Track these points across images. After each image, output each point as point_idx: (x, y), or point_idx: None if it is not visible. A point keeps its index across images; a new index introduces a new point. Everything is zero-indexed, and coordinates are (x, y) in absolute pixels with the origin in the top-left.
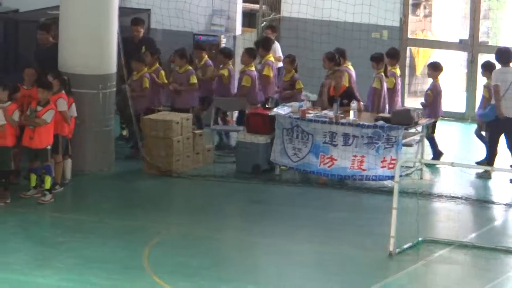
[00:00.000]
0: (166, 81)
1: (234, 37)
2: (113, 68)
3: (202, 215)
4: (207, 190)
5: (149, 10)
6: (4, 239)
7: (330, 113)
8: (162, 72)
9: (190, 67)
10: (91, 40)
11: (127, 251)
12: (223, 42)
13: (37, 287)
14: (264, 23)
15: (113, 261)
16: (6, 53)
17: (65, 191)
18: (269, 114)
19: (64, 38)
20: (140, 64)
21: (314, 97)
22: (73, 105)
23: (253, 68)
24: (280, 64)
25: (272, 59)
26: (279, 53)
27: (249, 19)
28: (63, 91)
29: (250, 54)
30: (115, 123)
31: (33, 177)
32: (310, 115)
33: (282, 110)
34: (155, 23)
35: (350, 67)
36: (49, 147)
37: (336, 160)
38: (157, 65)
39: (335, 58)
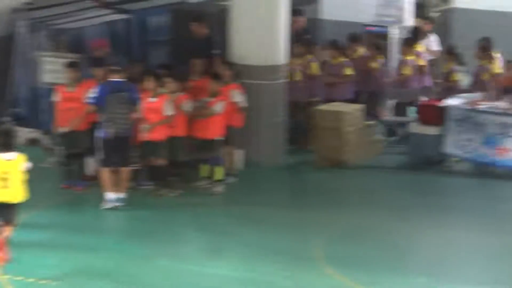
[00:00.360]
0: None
1: (405, 28)
2: (284, 58)
3: (373, 207)
4: (378, 182)
5: (317, 1)
6: (177, 230)
7: (502, 104)
8: (314, 64)
9: (345, 59)
10: (262, 31)
11: (300, 242)
12: (395, 33)
13: (210, 277)
14: (434, 14)
15: (285, 252)
16: (176, 44)
17: (237, 182)
18: (441, 105)
19: (235, 29)
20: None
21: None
22: (243, 96)
23: (411, 57)
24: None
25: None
26: (434, 46)
27: (421, 9)
28: (236, 82)
29: (408, 44)
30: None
31: (205, 168)
32: (482, 106)
33: (453, 101)
34: (326, 14)
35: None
36: (219, 138)
37: (511, 151)
38: (309, 56)
39: (489, 48)
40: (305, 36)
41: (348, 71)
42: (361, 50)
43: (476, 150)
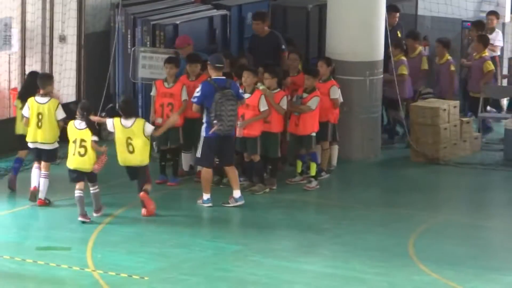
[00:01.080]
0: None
1: (503, 24)
2: (380, 55)
3: (469, 204)
4: (474, 178)
5: None
6: (271, 226)
7: None
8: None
9: (403, 57)
10: (360, 27)
11: (393, 239)
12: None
13: (303, 273)
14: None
15: (378, 249)
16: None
17: (331, 178)
18: None
19: (333, 26)
20: (397, 50)
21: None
22: (340, 91)
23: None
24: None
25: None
26: (497, 42)
27: None
28: (334, 78)
29: (481, 41)
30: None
31: (299, 164)
32: None
33: None
34: (423, 10)
35: None
36: (314, 134)
37: None
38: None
39: None
40: (400, 29)
41: (402, 71)
42: (420, 49)
43: None
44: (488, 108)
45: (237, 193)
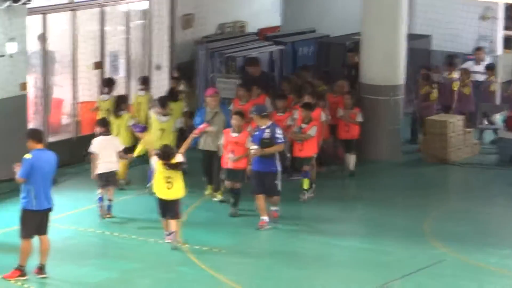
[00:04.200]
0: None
1: (496, 57)
2: (400, 80)
3: (471, 194)
4: (474, 175)
5: (429, 36)
6: (321, 213)
7: None
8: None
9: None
10: (385, 58)
11: (412, 221)
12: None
13: (345, 248)
14: None
15: (401, 228)
16: (319, 69)
17: (362, 175)
18: None
19: (365, 57)
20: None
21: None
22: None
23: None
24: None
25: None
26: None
27: (508, 42)
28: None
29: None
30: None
31: (306, 182)
32: None
33: None
34: (435, 46)
35: None
36: (315, 155)
37: None
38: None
39: None
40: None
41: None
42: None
43: None
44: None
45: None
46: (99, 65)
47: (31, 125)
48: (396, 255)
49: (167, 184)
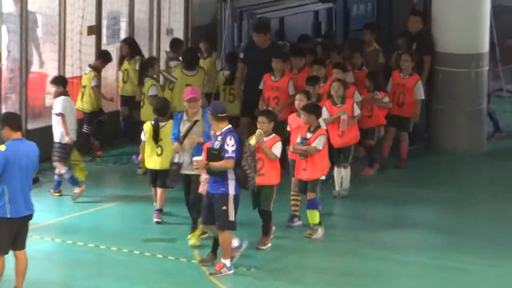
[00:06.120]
0: None
1: None
2: (486, 47)
3: None
4: None
5: None
6: (374, 220)
7: None
8: None
9: None
10: (464, 18)
11: (497, 230)
12: None
13: (411, 265)
14: None
15: (483, 238)
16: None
17: (436, 170)
18: None
19: (437, 17)
20: None
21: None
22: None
23: None
24: None
25: None
26: None
27: None
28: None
29: None
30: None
31: (314, 214)
32: None
33: None
34: None
35: None
36: (323, 177)
37: None
38: None
39: None
40: None
41: None
42: None
43: None
44: None
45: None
46: (93, 30)
47: (5, 108)
48: (478, 274)
49: (157, 149)
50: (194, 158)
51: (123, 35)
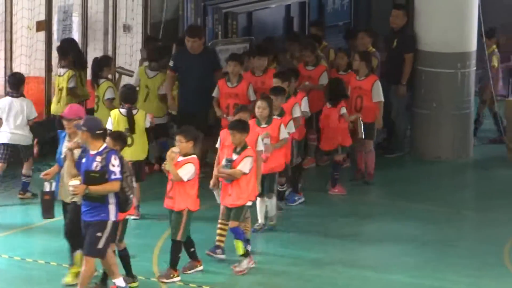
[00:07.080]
0: None
1: None
2: (473, 45)
3: None
4: None
5: None
6: (353, 234)
7: None
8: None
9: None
10: (450, 14)
11: (487, 246)
12: None
13: (389, 284)
14: None
15: (471, 256)
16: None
17: (419, 179)
18: None
19: (420, 12)
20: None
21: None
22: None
23: None
24: None
25: None
26: None
27: None
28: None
29: None
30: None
31: (239, 244)
32: None
33: None
34: None
35: None
36: (249, 203)
37: None
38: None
39: None
40: None
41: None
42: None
43: None
44: None
45: None
46: (43, 26)
47: None
48: None
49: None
50: (71, 183)
51: (75, 30)
